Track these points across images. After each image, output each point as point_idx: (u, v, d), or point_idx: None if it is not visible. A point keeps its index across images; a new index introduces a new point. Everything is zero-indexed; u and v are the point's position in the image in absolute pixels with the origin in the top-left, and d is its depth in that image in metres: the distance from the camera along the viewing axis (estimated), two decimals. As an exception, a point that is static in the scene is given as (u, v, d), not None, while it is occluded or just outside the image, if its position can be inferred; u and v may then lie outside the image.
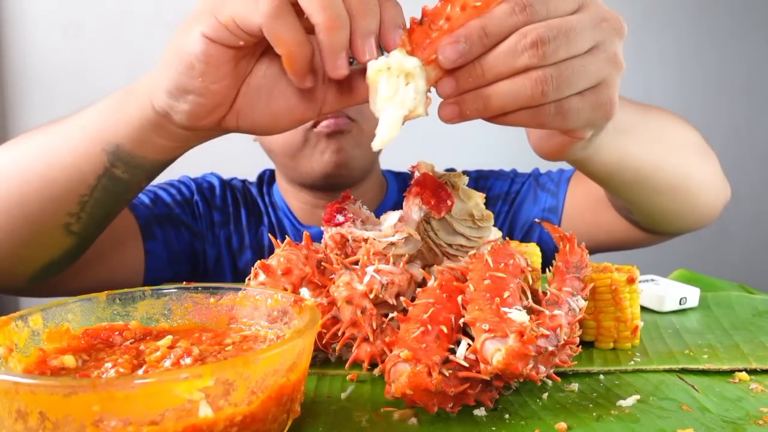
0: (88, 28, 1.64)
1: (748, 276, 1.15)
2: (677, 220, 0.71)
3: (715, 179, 0.71)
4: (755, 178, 2.05)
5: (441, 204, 0.45)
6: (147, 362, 0.34)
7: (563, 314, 0.38)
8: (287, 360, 0.31)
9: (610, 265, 0.52)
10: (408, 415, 0.37)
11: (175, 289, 0.41)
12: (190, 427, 0.27)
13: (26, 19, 1.62)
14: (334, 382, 0.43)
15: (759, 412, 0.37)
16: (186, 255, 0.83)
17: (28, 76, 1.64)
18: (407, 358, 0.35)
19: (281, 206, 0.92)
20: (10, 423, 0.27)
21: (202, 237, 0.86)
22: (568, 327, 0.38)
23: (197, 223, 0.86)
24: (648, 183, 0.63)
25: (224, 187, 0.90)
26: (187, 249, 0.84)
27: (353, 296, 0.41)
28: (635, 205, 0.69)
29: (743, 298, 0.63)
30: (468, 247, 0.48)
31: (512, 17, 0.39)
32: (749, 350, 0.48)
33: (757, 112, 2.09)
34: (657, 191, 0.64)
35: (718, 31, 2.03)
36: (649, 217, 0.72)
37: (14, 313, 0.35)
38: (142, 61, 1.68)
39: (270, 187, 0.95)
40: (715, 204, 0.72)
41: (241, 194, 0.91)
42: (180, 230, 0.83)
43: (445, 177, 0.47)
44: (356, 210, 0.51)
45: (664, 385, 0.42)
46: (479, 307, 0.37)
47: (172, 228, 0.81)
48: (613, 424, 0.36)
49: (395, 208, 0.48)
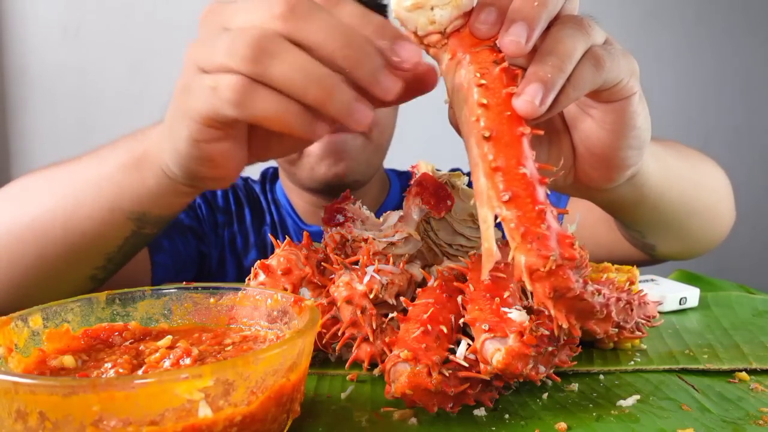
0: (88, 29, 1.64)
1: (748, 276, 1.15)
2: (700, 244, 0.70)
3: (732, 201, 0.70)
4: (755, 178, 2.05)
5: (441, 204, 0.45)
6: (147, 363, 0.34)
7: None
8: (287, 360, 0.31)
9: (610, 265, 0.52)
10: (408, 415, 0.37)
11: (175, 289, 0.41)
12: (190, 427, 0.27)
13: (26, 19, 1.62)
14: (334, 382, 0.43)
15: (759, 412, 0.37)
16: (192, 260, 0.83)
17: (28, 76, 1.64)
18: (407, 358, 0.35)
19: (284, 204, 0.91)
20: (10, 423, 0.27)
21: (207, 239, 0.85)
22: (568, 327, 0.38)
23: (202, 226, 0.85)
24: (690, 203, 0.61)
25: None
26: (193, 254, 0.83)
27: (353, 296, 0.41)
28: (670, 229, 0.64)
29: (743, 298, 0.63)
30: (468, 247, 0.48)
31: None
32: (749, 350, 0.48)
33: (756, 111, 2.09)
34: (694, 212, 0.62)
35: (718, 31, 2.03)
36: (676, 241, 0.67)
37: (14, 313, 0.35)
38: (142, 61, 1.69)
39: (273, 185, 0.94)
40: (728, 228, 0.72)
41: (243, 192, 0.91)
42: (187, 237, 0.81)
43: (445, 177, 0.47)
44: (356, 210, 0.51)
45: (664, 385, 0.42)
46: (479, 307, 0.37)
47: (178, 236, 0.80)
48: (613, 424, 0.36)
49: (398, 207, 0.48)
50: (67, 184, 0.54)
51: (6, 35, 1.61)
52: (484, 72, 0.34)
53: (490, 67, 0.34)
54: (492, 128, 0.33)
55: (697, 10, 2.01)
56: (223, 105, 0.35)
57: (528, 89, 0.33)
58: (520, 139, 0.33)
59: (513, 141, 0.33)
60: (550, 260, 0.31)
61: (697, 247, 0.70)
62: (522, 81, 0.34)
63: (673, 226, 0.63)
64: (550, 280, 0.31)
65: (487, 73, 0.34)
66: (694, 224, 0.64)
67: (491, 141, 0.33)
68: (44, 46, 1.63)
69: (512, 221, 0.32)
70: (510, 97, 0.34)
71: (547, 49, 0.35)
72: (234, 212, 0.88)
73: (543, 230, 0.31)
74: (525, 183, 0.32)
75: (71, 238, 0.53)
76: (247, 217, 0.89)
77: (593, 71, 0.37)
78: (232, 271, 0.86)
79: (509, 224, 0.32)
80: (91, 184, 0.52)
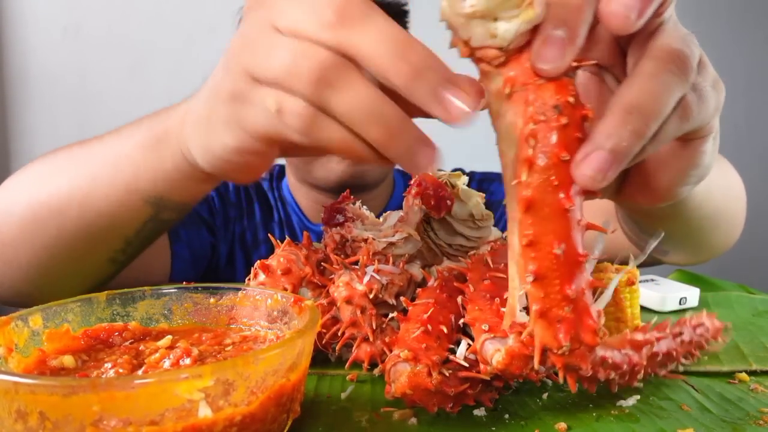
0: (88, 28, 1.64)
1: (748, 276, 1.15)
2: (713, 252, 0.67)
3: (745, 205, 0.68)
4: (755, 178, 2.04)
5: (441, 204, 0.45)
6: (146, 363, 0.34)
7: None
8: (287, 360, 0.31)
9: (610, 265, 0.52)
10: (408, 415, 0.37)
11: (174, 289, 0.41)
12: (190, 427, 0.27)
13: (26, 19, 1.62)
14: (334, 382, 0.43)
15: (759, 413, 0.37)
16: (205, 254, 0.83)
17: (28, 76, 1.64)
18: (407, 358, 0.35)
19: (290, 202, 0.92)
20: (10, 423, 0.27)
21: (218, 233, 0.85)
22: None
23: (215, 219, 0.85)
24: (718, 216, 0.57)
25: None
26: (206, 247, 0.83)
27: (353, 296, 0.41)
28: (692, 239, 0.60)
29: (743, 298, 0.63)
30: (468, 247, 0.48)
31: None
32: (749, 351, 0.48)
33: (756, 111, 2.09)
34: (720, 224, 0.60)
35: (718, 31, 2.02)
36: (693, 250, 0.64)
37: (14, 313, 0.35)
38: (142, 61, 1.69)
39: (279, 182, 0.95)
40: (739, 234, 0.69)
41: (253, 188, 0.91)
42: (201, 229, 0.82)
43: (445, 177, 0.47)
44: (356, 210, 0.51)
45: (664, 385, 0.42)
46: (479, 307, 0.37)
47: (194, 227, 0.80)
48: (613, 424, 0.36)
49: (401, 207, 0.48)
50: (85, 162, 0.53)
51: (6, 35, 1.61)
52: (539, 119, 0.28)
53: (549, 113, 0.28)
54: (534, 198, 0.28)
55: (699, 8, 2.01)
56: (288, 130, 0.33)
57: (594, 161, 0.27)
58: (564, 213, 0.28)
59: (555, 215, 0.28)
60: (564, 347, 0.29)
61: (710, 254, 0.68)
62: (588, 141, 0.28)
63: (696, 237, 0.60)
64: (562, 358, 0.30)
65: (543, 124, 0.28)
66: (718, 234, 0.62)
67: (530, 213, 0.29)
68: (44, 46, 1.63)
69: (535, 300, 0.30)
70: (563, 163, 0.28)
71: (633, 101, 0.28)
72: (245, 208, 0.88)
73: (565, 314, 0.29)
74: (557, 264, 0.29)
75: (88, 218, 0.52)
76: (257, 212, 0.89)
77: (677, 124, 0.31)
78: (242, 267, 0.86)
79: (532, 300, 0.30)
80: (109, 163, 0.51)
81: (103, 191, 0.51)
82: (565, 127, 0.28)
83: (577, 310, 0.29)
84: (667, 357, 0.40)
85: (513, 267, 0.31)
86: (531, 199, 0.28)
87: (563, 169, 0.28)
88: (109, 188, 0.50)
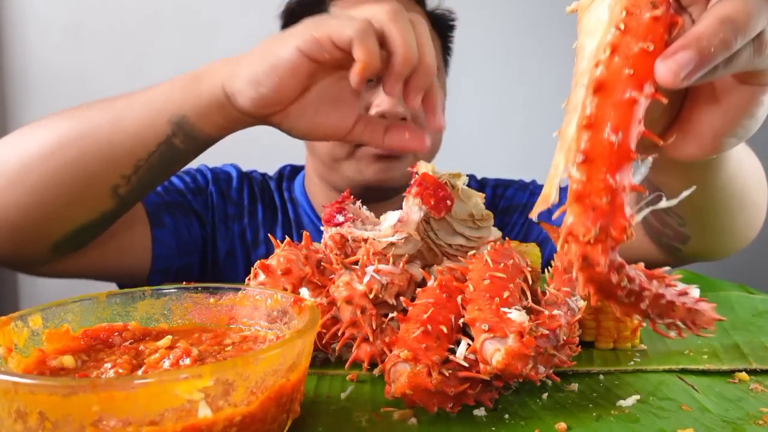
0: (88, 29, 1.64)
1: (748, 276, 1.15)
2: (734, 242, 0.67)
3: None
4: (755, 178, 2.04)
5: (441, 204, 0.45)
6: (146, 363, 0.34)
7: (562, 314, 0.38)
8: (287, 360, 0.31)
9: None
10: (408, 415, 0.37)
11: (174, 289, 0.41)
12: (190, 427, 0.27)
13: (26, 19, 1.62)
14: (333, 382, 0.43)
15: (759, 412, 0.37)
16: (195, 246, 0.83)
17: (28, 76, 1.64)
18: (407, 358, 0.35)
19: (302, 203, 0.91)
20: (10, 423, 0.27)
21: (213, 228, 0.85)
22: (567, 327, 0.38)
23: (208, 213, 0.85)
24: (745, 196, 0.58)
25: (242, 179, 0.90)
26: (196, 239, 0.83)
27: (353, 296, 0.41)
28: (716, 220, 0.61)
29: (743, 298, 0.63)
30: (468, 247, 0.48)
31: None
32: (749, 350, 0.48)
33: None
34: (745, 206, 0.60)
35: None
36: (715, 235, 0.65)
37: (14, 313, 0.35)
38: (142, 61, 1.69)
39: (291, 183, 0.94)
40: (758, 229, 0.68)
41: (259, 188, 0.91)
42: (190, 219, 0.82)
43: (445, 177, 0.47)
44: (356, 210, 0.51)
45: (664, 385, 0.42)
46: (479, 307, 0.37)
47: (182, 216, 0.81)
48: (613, 424, 0.36)
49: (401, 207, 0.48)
50: (119, 99, 0.62)
51: (6, 35, 1.61)
52: (632, 12, 0.29)
53: (643, 7, 0.29)
54: (607, 81, 0.29)
55: None
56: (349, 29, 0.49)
57: (680, 57, 0.29)
58: (631, 104, 0.29)
59: (621, 104, 0.29)
60: (591, 233, 0.29)
61: (731, 244, 0.67)
62: (678, 41, 0.29)
63: (722, 217, 0.60)
64: (584, 247, 0.30)
65: (635, 16, 0.29)
66: (741, 219, 0.62)
67: (599, 94, 0.29)
68: (44, 46, 1.63)
69: (577, 182, 0.30)
70: (645, 54, 0.29)
71: (727, 14, 0.30)
72: (246, 206, 0.88)
73: (601, 203, 0.29)
74: (609, 151, 0.29)
75: (114, 138, 0.59)
76: (259, 212, 0.89)
77: (751, 54, 0.32)
78: (242, 264, 0.86)
79: (573, 184, 0.30)
80: (146, 95, 0.60)
81: (136, 114, 0.59)
82: (656, 20, 0.29)
83: (613, 204, 0.30)
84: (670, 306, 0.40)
85: (560, 155, 0.31)
86: (603, 81, 0.29)
87: (644, 61, 0.29)
88: (143, 111, 0.59)
